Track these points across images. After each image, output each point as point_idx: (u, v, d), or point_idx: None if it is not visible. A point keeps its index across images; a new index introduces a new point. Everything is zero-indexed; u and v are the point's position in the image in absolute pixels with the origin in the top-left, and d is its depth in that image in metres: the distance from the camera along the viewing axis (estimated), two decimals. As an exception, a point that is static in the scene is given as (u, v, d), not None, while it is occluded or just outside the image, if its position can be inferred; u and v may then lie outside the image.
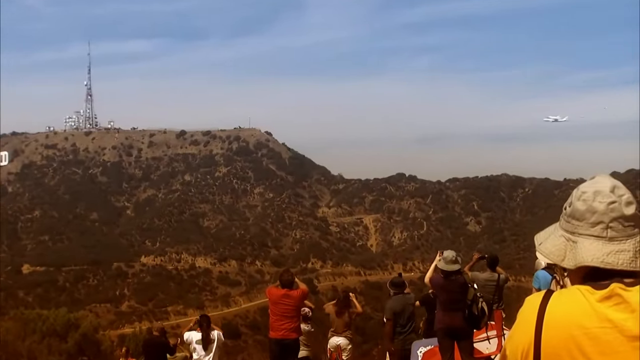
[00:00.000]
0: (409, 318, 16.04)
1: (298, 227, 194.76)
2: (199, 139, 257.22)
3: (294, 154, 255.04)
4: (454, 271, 13.69)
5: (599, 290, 2.38)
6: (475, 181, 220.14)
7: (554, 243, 2.52)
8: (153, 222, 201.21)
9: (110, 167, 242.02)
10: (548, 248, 2.53)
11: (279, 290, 15.26)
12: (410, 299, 16.37)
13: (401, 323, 15.88)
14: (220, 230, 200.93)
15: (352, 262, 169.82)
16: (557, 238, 2.54)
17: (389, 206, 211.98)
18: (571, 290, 2.42)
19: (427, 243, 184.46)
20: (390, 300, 16.34)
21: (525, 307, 2.49)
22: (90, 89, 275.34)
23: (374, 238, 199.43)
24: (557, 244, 2.50)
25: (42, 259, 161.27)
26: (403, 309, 15.90)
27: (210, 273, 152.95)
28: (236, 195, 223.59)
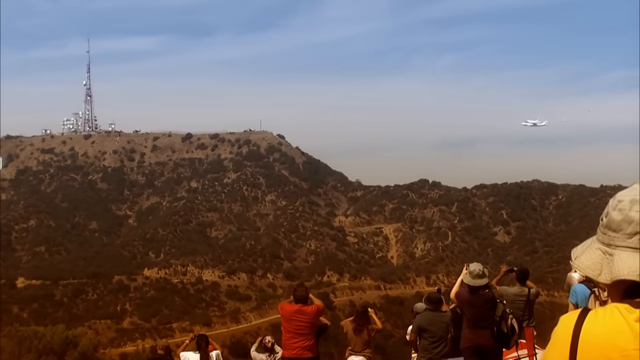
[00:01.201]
0: (440, 337, 15.94)
1: (313, 238, 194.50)
2: (206, 143, 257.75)
3: (308, 159, 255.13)
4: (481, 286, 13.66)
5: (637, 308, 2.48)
6: (504, 188, 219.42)
7: (590, 257, 2.48)
8: (157, 232, 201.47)
9: (111, 173, 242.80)
10: (584, 262, 2.49)
11: (292, 306, 15.27)
12: (444, 317, 16.20)
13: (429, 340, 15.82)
14: (229, 240, 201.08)
15: (371, 275, 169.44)
16: (593, 251, 2.49)
17: (411, 215, 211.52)
18: (608, 309, 2.37)
19: (452, 255, 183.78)
20: (421, 315, 16.32)
21: (559, 326, 2.46)
22: (90, 89, 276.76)
23: (395, 249, 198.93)
24: (593, 258, 2.46)
25: (38, 272, 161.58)
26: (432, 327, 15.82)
27: (218, 287, 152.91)
28: (246, 203, 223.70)
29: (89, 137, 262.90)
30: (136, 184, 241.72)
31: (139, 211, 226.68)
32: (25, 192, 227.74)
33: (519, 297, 16.46)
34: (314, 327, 15.64)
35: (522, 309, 16.33)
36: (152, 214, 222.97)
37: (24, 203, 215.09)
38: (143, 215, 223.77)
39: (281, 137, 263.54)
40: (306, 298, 15.30)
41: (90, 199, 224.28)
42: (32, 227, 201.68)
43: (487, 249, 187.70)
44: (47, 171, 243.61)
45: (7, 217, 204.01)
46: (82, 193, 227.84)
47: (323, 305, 16.28)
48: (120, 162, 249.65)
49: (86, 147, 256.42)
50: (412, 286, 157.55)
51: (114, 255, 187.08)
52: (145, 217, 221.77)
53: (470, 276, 13.76)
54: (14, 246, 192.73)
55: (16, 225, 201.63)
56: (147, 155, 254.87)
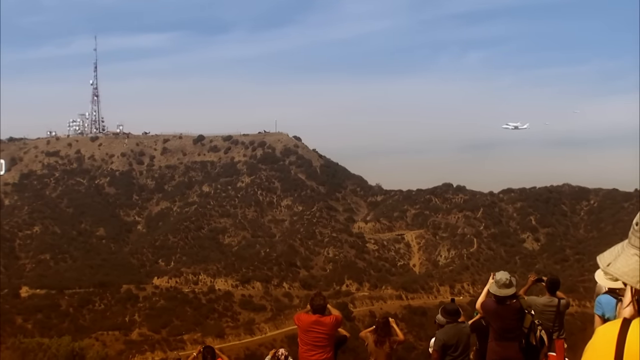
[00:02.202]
0: (463, 351, 15.92)
1: (331, 245, 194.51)
2: (219, 145, 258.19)
3: (326, 162, 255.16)
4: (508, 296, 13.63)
5: None
6: (532, 192, 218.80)
7: (626, 262, 2.43)
8: (167, 239, 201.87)
9: (119, 177, 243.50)
10: (620, 269, 2.45)
11: (309, 317, 15.26)
12: (466, 329, 16.18)
13: (453, 355, 15.77)
14: (242, 248, 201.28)
15: (392, 284, 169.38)
16: (629, 257, 2.44)
17: (434, 221, 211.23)
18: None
19: (478, 263, 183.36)
20: (441, 330, 16.24)
21: (598, 338, 2.40)
22: (97, 89, 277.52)
23: (417, 257, 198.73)
24: (630, 264, 2.41)
25: (42, 281, 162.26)
26: (456, 341, 15.77)
27: (231, 297, 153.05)
28: (261, 208, 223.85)
29: (96, 139, 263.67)
30: (145, 188, 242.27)
31: (149, 217, 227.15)
32: (29, 197, 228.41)
33: (549, 307, 16.40)
34: (332, 339, 15.62)
35: (552, 320, 16.26)
36: (162, 219, 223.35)
37: (28, 209, 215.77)
38: (152, 221, 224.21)
39: (297, 139, 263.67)
40: (324, 308, 15.30)
41: (97, 204, 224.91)
42: (36, 233, 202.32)
43: (514, 257, 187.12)
44: (52, 175, 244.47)
45: (10, 224, 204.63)
46: (88, 198, 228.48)
47: (342, 315, 16.27)
48: (129, 166, 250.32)
49: (93, 150, 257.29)
50: (436, 296, 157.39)
51: (122, 263, 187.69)
52: (154, 223, 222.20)
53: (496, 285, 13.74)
54: (18, 254, 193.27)
55: (20, 231, 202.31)
56: (157, 158, 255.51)
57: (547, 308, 16.34)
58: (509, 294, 13.59)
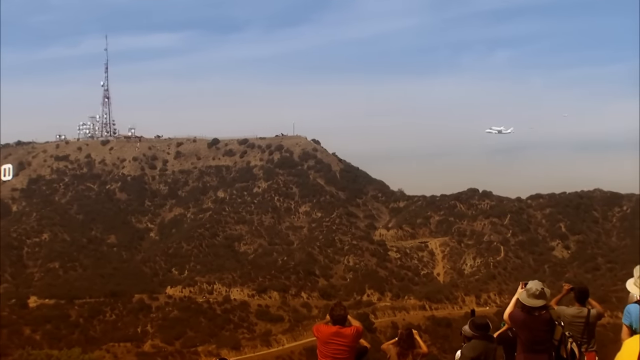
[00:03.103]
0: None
1: (351, 253, 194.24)
2: (235, 149, 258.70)
3: (346, 166, 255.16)
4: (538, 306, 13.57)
5: None
6: (562, 198, 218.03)
7: None
8: (180, 247, 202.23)
9: (131, 182, 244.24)
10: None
11: (329, 328, 15.26)
12: (493, 344, 16.07)
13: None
14: (259, 256, 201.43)
15: (415, 294, 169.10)
16: None
17: (459, 228, 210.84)
18: None
19: (505, 272, 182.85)
20: (468, 344, 16.17)
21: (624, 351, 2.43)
22: (108, 91, 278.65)
23: (442, 265, 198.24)
24: None
25: (51, 290, 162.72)
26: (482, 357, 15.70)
27: (247, 307, 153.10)
28: (278, 214, 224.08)
29: (107, 143, 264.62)
30: (158, 194, 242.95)
31: (161, 224, 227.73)
32: (38, 203, 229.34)
33: (577, 318, 16.31)
34: (353, 351, 15.61)
35: (581, 331, 16.19)
36: (176, 226, 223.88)
37: (37, 215, 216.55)
38: (165, 228, 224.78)
39: (316, 143, 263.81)
40: (344, 319, 15.28)
41: (108, 211, 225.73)
42: (45, 241, 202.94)
43: (543, 266, 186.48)
44: (61, 180, 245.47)
45: (18, 231, 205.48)
46: (99, 204, 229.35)
47: (362, 327, 16.25)
48: (141, 170, 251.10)
49: (104, 154, 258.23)
50: (461, 306, 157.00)
51: (134, 272, 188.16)
52: (168, 231, 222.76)
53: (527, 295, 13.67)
54: (26, 262, 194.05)
55: (28, 239, 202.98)
56: (170, 163, 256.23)
57: (576, 319, 16.28)
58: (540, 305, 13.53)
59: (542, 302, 13.58)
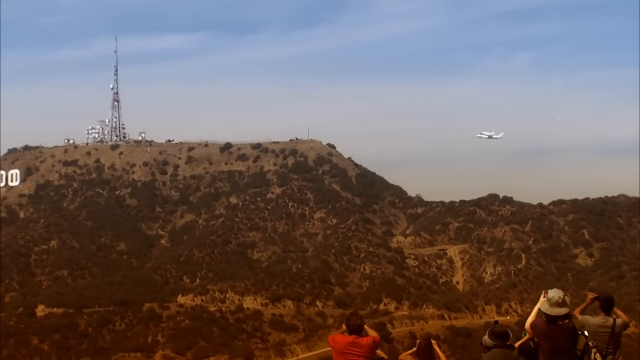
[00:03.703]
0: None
1: (367, 260, 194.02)
2: (248, 154, 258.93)
3: (362, 171, 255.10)
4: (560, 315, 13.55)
5: None
6: (585, 204, 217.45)
7: None
8: (192, 254, 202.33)
9: (141, 188, 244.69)
10: None
11: (345, 338, 15.25)
12: (513, 353, 16.05)
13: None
14: (273, 263, 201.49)
15: (433, 302, 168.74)
16: None
17: (479, 234, 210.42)
18: None
19: (527, 280, 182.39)
20: (487, 354, 16.14)
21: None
22: (118, 94, 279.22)
23: (461, 273, 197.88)
24: None
25: (59, 299, 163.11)
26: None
27: (261, 316, 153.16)
28: (292, 221, 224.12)
29: (117, 148, 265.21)
30: (169, 200, 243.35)
31: (172, 230, 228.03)
32: (46, 209, 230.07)
33: (602, 328, 16.25)
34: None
35: (606, 341, 16.13)
36: (187, 233, 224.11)
37: (44, 222, 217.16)
38: (177, 235, 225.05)
39: (331, 147, 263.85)
40: (361, 328, 15.28)
41: (117, 217, 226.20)
42: (53, 248, 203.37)
43: (566, 274, 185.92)
44: (69, 186, 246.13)
45: (25, 238, 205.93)
46: (108, 210, 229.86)
47: (379, 337, 16.24)
48: (151, 176, 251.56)
49: (113, 159, 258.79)
50: (481, 315, 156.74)
51: (145, 280, 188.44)
52: (179, 237, 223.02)
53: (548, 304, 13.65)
54: (33, 270, 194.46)
55: (35, 246, 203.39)
56: (182, 168, 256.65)
57: (601, 329, 16.21)
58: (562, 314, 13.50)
59: (564, 311, 13.56)
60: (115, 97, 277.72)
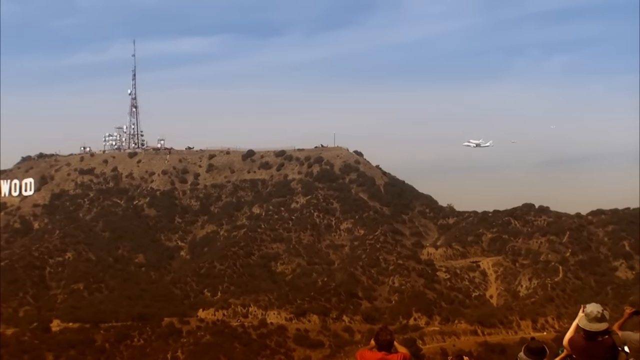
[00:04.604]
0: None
1: (397, 273, 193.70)
2: (271, 161, 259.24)
3: (390, 180, 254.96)
4: (600, 331, 13.53)
5: None
6: (626, 214, 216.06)
7: None
8: (213, 267, 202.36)
9: (160, 197, 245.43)
10: None
11: (374, 354, 15.27)
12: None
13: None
14: (297, 276, 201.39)
15: (466, 317, 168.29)
16: None
17: (514, 246, 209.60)
18: None
19: (564, 294, 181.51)
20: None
21: None
22: (136, 99, 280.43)
23: (495, 287, 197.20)
24: None
25: (75, 313, 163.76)
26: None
27: (285, 331, 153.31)
28: (318, 232, 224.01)
29: (135, 156, 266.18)
30: (189, 210, 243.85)
31: (193, 242, 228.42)
32: (61, 219, 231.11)
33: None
34: (400, 380, 15.58)
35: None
36: (208, 245, 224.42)
37: (60, 233, 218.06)
38: (197, 246, 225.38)
39: (359, 154, 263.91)
40: (391, 344, 15.28)
41: (135, 228, 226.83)
42: (68, 260, 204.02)
43: (605, 287, 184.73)
44: (86, 195, 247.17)
45: (40, 249, 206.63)
46: (126, 221, 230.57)
47: (409, 353, 16.24)
48: (171, 185, 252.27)
49: (131, 167, 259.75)
50: (516, 331, 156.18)
51: (164, 293, 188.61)
52: (199, 249, 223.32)
53: (587, 319, 13.63)
54: (48, 283, 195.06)
55: (50, 258, 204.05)
56: (202, 177, 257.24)
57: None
58: (601, 329, 13.47)
59: (604, 327, 13.52)
60: (133, 102, 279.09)
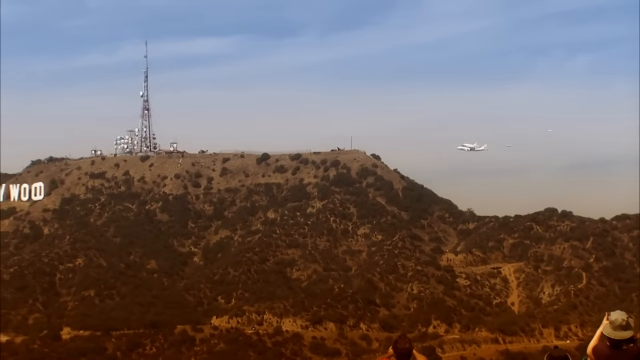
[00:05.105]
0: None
1: (415, 279, 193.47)
2: (286, 165, 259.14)
3: (409, 184, 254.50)
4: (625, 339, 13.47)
5: None
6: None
7: None
8: (227, 273, 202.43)
9: (173, 202, 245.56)
10: None
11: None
12: None
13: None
14: (313, 283, 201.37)
15: (487, 325, 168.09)
16: None
17: (536, 252, 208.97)
18: None
19: (588, 301, 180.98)
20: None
21: None
22: (148, 102, 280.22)
23: (516, 294, 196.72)
24: None
25: (86, 321, 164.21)
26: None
27: (301, 339, 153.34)
28: (334, 237, 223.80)
29: (147, 159, 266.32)
30: (202, 214, 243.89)
31: (206, 247, 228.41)
32: (71, 224, 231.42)
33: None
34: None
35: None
36: (222, 250, 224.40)
37: (70, 238, 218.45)
38: (211, 252, 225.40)
39: (376, 158, 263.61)
40: (410, 353, 15.24)
41: (148, 233, 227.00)
42: (79, 267, 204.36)
43: (630, 294, 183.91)
44: (97, 200, 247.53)
45: (49, 255, 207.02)
46: (138, 226, 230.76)
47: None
48: (184, 189, 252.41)
49: (143, 171, 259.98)
50: (538, 339, 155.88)
51: (176, 300, 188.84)
52: (213, 255, 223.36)
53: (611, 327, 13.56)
54: (58, 290, 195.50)
55: (60, 264, 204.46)
56: (216, 181, 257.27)
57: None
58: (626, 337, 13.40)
59: (629, 334, 13.45)
60: (145, 105, 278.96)
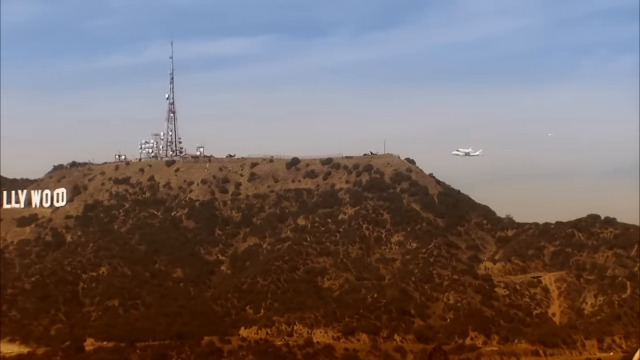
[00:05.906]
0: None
1: (452, 289, 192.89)
2: (317, 170, 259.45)
3: (445, 189, 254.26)
4: (669, 352, 13.56)
5: None
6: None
7: None
8: (256, 282, 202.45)
9: (200, 208, 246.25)
10: None
11: (427, 376, 15.39)
12: None
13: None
14: (345, 292, 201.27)
15: (526, 336, 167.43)
16: None
17: (578, 260, 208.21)
18: None
19: (632, 312, 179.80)
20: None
21: None
22: (174, 104, 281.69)
23: (557, 304, 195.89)
24: None
25: (110, 332, 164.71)
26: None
27: (332, 351, 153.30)
28: (367, 245, 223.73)
29: (172, 164, 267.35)
30: (230, 221, 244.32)
31: (234, 256, 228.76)
32: (95, 232, 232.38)
33: None
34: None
35: None
36: (250, 259, 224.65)
37: (93, 246, 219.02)
38: (239, 260, 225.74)
39: (410, 162, 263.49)
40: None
41: (173, 241, 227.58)
42: (103, 275, 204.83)
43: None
44: (121, 206, 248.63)
45: (72, 264, 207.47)
46: (163, 233, 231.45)
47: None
48: (211, 195, 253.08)
49: (169, 176, 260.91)
50: (580, 351, 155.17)
51: (203, 310, 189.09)
52: (241, 263, 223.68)
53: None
54: (82, 299, 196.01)
55: (84, 273, 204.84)
56: (244, 186, 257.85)
57: None
58: (671, 351, 13.49)
59: (675, 348, 13.53)
60: (170, 107, 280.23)
